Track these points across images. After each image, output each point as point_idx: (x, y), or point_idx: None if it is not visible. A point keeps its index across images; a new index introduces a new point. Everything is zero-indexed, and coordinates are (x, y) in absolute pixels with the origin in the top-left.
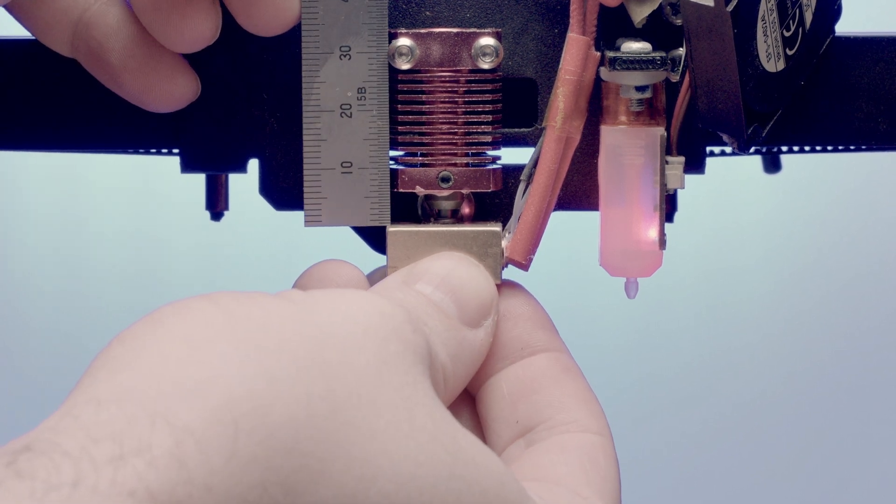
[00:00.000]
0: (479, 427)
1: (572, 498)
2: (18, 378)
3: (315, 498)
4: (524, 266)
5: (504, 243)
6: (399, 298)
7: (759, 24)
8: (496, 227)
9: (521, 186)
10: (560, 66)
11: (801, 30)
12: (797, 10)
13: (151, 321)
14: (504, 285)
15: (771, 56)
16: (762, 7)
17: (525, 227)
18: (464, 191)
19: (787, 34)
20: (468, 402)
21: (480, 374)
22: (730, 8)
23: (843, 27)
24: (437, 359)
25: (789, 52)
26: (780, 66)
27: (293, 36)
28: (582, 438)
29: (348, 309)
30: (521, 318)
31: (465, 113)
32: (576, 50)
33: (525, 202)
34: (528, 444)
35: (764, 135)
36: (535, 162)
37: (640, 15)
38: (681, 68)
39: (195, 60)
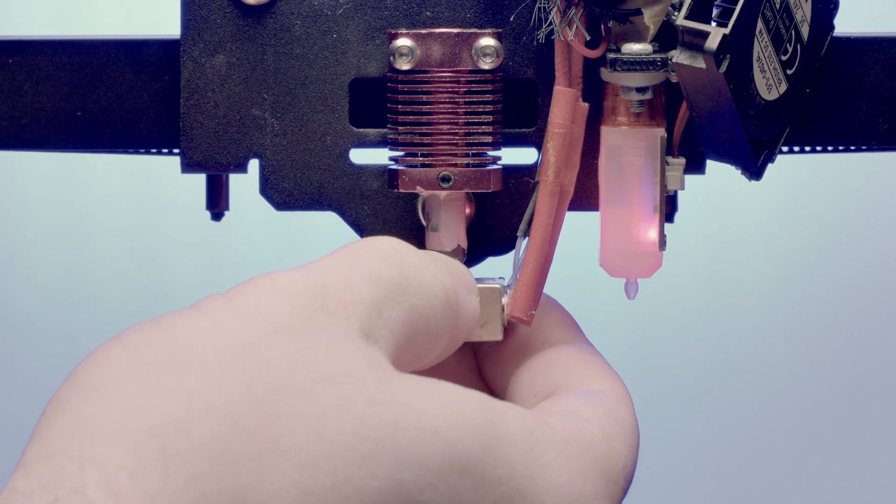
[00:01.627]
0: None
1: (565, 416)
2: (19, 378)
3: (264, 496)
4: (527, 322)
5: (505, 300)
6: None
7: (755, 65)
8: (496, 285)
9: (519, 242)
10: (549, 119)
11: (798, 46)
12: (792, 32)
13: (67, 383)
14: None
15: (771, 86)
16: (756, 48)
17: (525, 283)
18: (464, 191)
19: (784, 58)
20: None
21: (504, 373)
22: (722, 69)
23: (844, 28)
24: (461, 296)
25: (790, 73)
26: (783, 89)
27: (294, 35)
28: (601, 393)
29: (259, 308)
30: (543, 319)
31: (466, 113)
32: (563, 102)
33: (523, 259)
34: None
35: (774, 158)
36: (531, 216)
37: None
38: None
39: (196, 60)
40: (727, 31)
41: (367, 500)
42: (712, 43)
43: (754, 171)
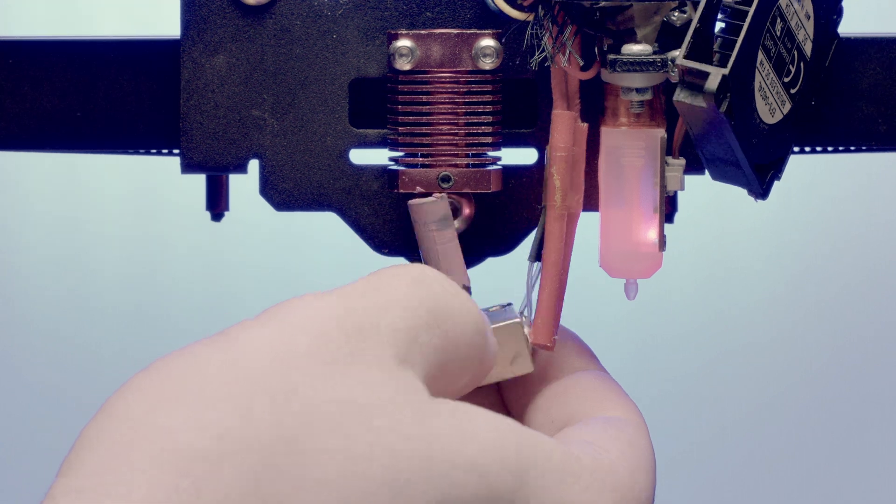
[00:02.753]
0: None
1: (589, 447)
2: (19, 379)
3: None
4: (549, 348)
5: (526, 330)
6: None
7: (757, 94)
8: (516, 320)
9: (530, 267)
10: (549, 143)
11: (802, 64)
12: (795, 53)
13: (98, 415)
14: None
15: (774, 109)
16: (757, 79)
17: (544, 311)
18: (464, 191)
19: (787, 79)
20: None
21: (523, 398)
22: (723, 109)
23: (844, 28)
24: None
25: (793, 91)
26: (786, 108)
27: (294, 35)
28: (619, 421)
29: (291, 334)
30: (562, 348)
31: (466, 114)
32: (563, 125)
33: (539, 286)
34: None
35: (780, 176)
36: (539, 241)
37: None
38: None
39: (196, 60)
40: (726, 71)
41: None
42: (712, 84)
43: (760, 191)
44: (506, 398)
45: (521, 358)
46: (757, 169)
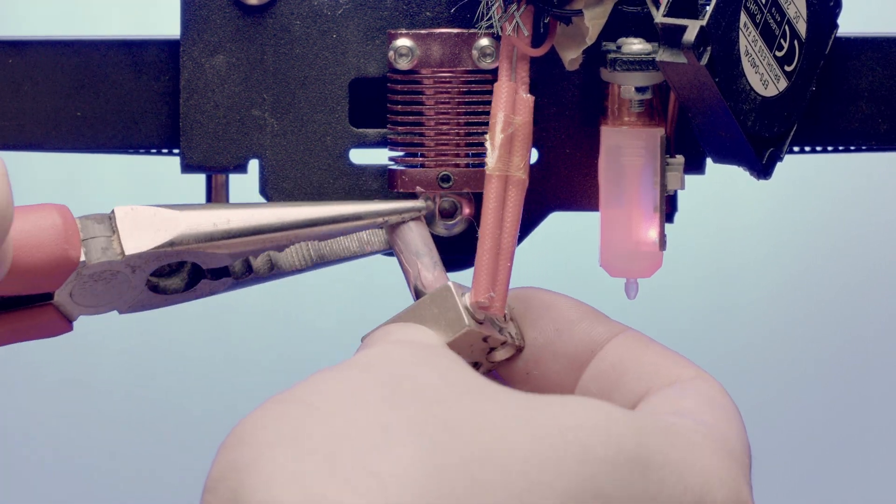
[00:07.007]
0: None
1: (685, 417)
2: (19, 380)
3: None
4: (488, 307)
5: (466, 296)
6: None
7: (745, 59)
8: (447, 283)
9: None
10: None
11: (795, 42)
12: (786, 28)
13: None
14: (534, 296)
15: (768, 81)
16: (742, 42)
17: (479, 268)
18: (464, 191)
19: (780, 54)
20: None
21: (565, 390)
22: (704, 61)
23: (844, 27)
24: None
25: (788, 69)
26: (782, 85)
27: (294, 35)
28: (692, 384)
29: (396, 365)
30: (573, 322)
31: (466, 113)
32: (501, 95)
33: (477, 246)
34: None
35: (782, 156)
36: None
37: (570, 56)
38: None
39: (196, 60)
40: (704, 22)
41: (563, 497)
42: (690, 35)
43: (760, 168)
44: (543, 390)
45: (455, 318)
46: (755, 142)
